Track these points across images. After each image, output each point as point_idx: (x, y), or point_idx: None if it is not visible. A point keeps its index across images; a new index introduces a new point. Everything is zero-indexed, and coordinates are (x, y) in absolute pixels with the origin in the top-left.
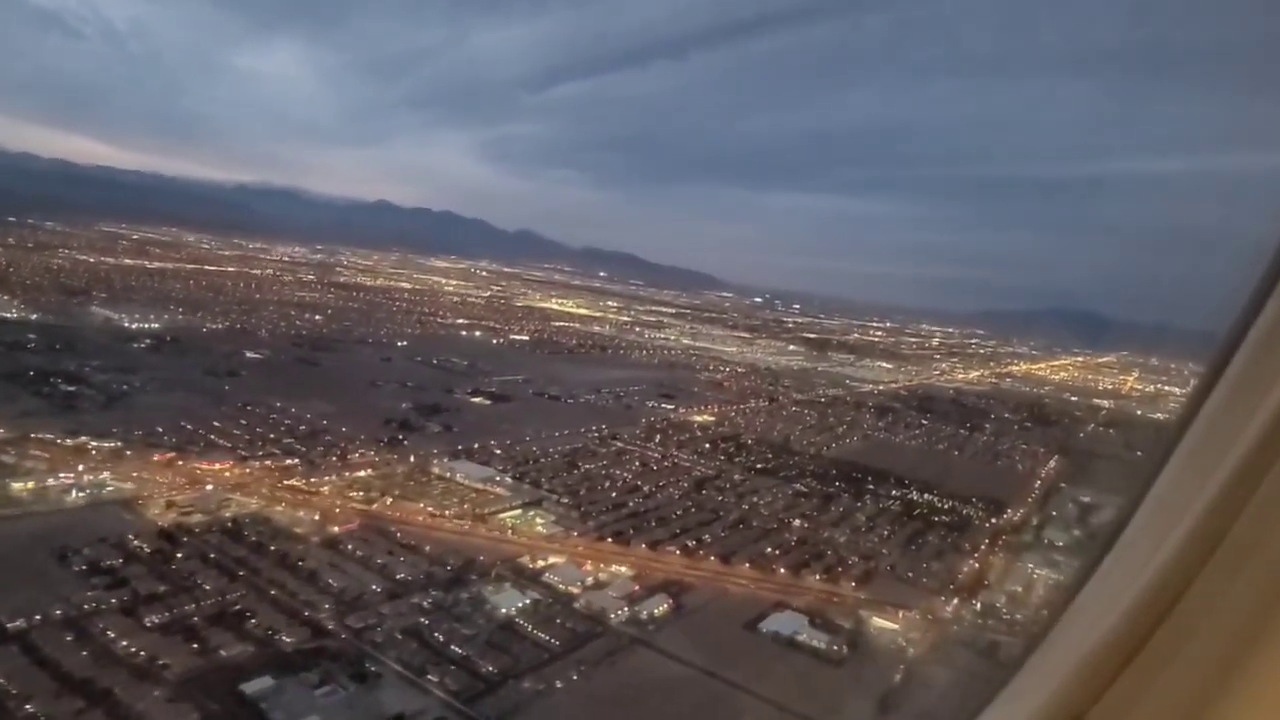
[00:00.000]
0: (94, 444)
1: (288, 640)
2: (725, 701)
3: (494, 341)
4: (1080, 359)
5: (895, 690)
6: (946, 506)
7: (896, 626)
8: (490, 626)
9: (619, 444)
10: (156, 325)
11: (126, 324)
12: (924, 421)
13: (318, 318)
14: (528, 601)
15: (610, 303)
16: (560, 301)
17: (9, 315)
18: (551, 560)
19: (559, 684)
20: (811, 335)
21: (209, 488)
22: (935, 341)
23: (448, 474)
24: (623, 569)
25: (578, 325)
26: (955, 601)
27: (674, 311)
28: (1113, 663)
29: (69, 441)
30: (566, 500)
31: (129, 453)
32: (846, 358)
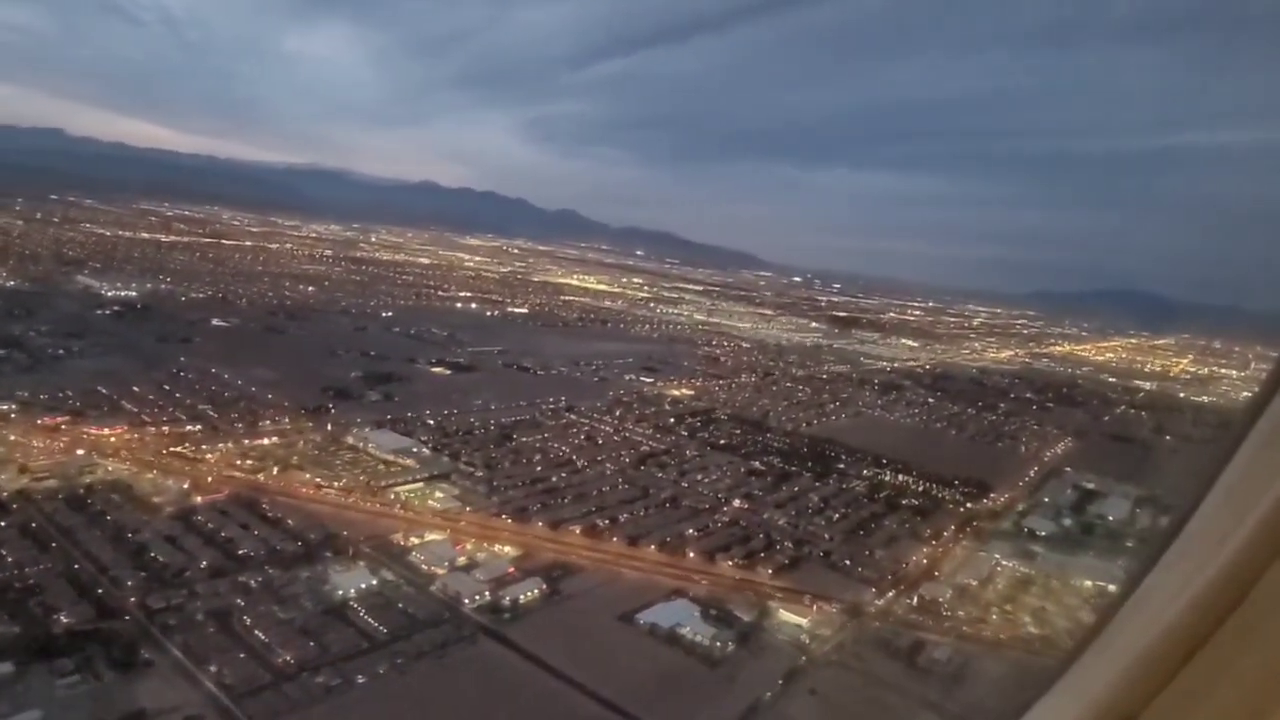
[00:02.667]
0: None
1: (64, 621)
2: (552, 707)
3: (488, 314)
4: (1134, 341)
5: (769, 700)
6: (920, 489)
7: (804, 621)
8: (315, 610)
9: (572, 416)
10: (134, 293)
11: (104, 292)
12: (930, 400)
13: (310, 289)
14: (374, 583)
15: (636, 279)
16: (581, 278)
17: None
18: (429, 538)
19: (360, 679)
20: (841, 314)
21: (79, 453)
22: (977, 321)
23: (360, 444)
24: (507, 549)
25: (588, 300)
26: (889, 595)
27: (700, 289)
28: (1173, 659)
29: None
30: (481, 474)
31: (15, 416)
32: (870, 336)
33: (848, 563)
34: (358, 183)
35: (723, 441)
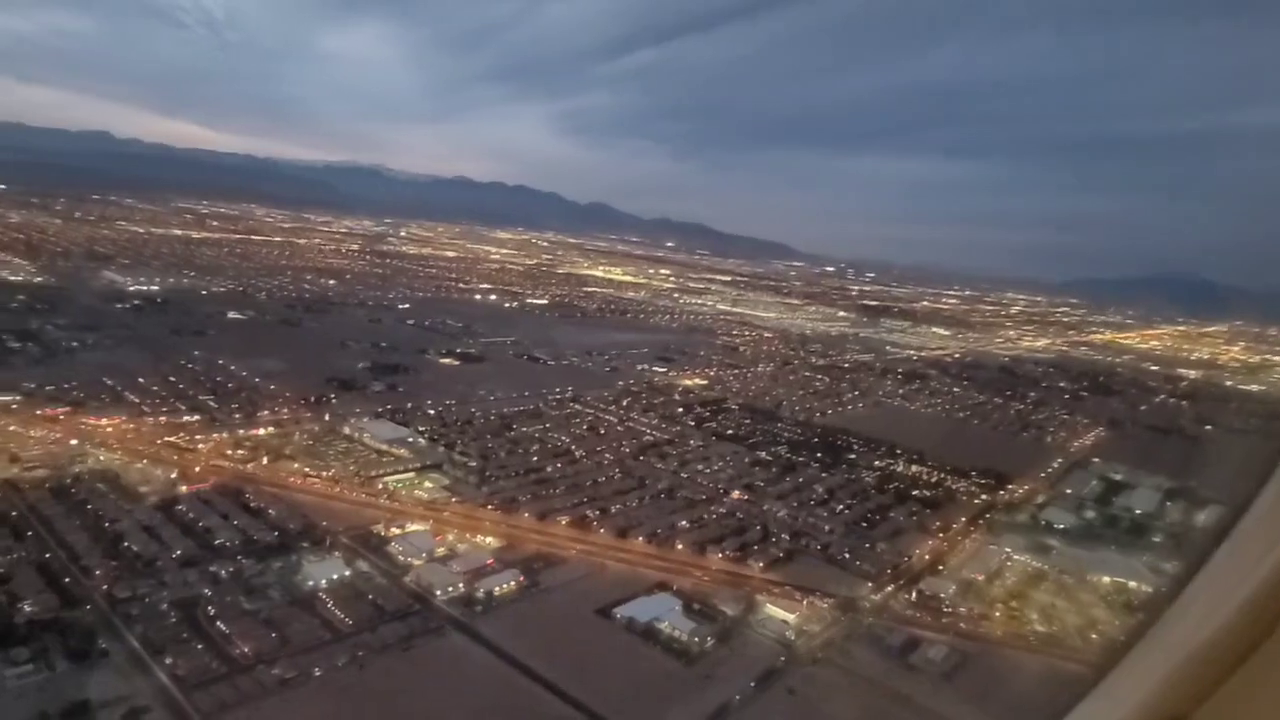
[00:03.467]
0: None
1: (27, 610)
2: (512, 703)
3: (507, 306)
4: (1181, 328)
5: (740, 701)
6: (933, 480)
7: (792, 617)
8: (282, 602)
9: (577, 406)
10: (156, 288)
11: (127, 286)
12: (955, 389)
13: (332, 282)
14: (347, 574)
15: (663, 270)
16: (606, 269)
17: (15, 278)
18: (410, 528)
19: (317, 672)
20: (872, 303)
21: (73, 443)
22: (1015, 310)
23: (356, 435)
24: (489, 540)
25: (610, 291)
26: (888, 590)
27: (728, 279)
28: (1223, 662)
29: None
30: (475, 464)
31: (16, 407)
32: (900, 324)
33: (847, 556)
34: (392, 179)
35: (730, 431)
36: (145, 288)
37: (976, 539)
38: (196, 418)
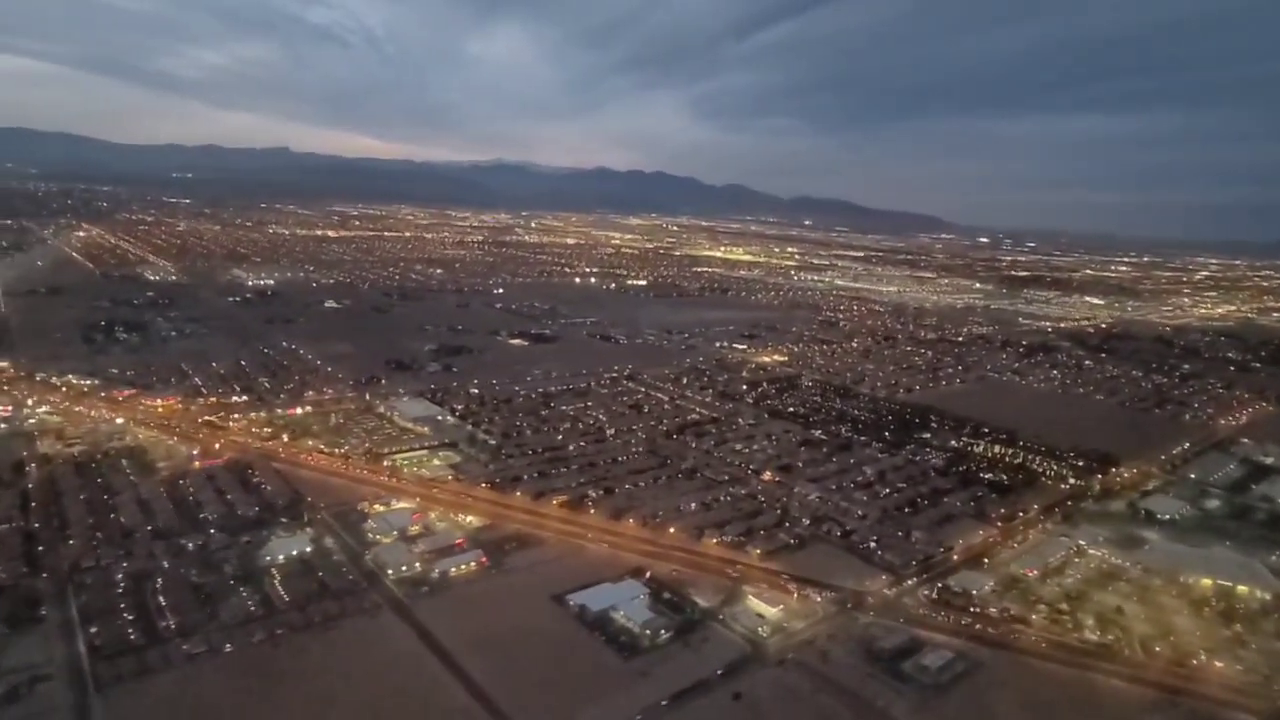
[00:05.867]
0: (75, 381)
1: None
2: (408, 692)
3: (603, 287)
4: None
5: (667, 705)
6: (1016, 461)
7: (773, 612)
8: (232, 575)
9: (630, 384)
10: (272, 282)
11: (247, 281)
12: (1087, 362)
13: (438, 271)
14: (309, 549)
15: (790, 249)
16: (728, 250)
17: (154, 277)
18: (396, 505)
19: (229, 648)
20: (1021, 273)
21: (119, 421)
22: (1200, 275)
23: (388, 413)
24: (470, 519)
25: (720, 271)
26: (908, 583)
27: (860, 255)
28: None
29: (55, 379)
30: (494, 442)
31: (87, 389)
32: (1045, 295)
33: (872, 544)
34: (536, 174)
35: (791, 409)
36: (263, 282)
37: (1047, 529)
38: (245, 398)
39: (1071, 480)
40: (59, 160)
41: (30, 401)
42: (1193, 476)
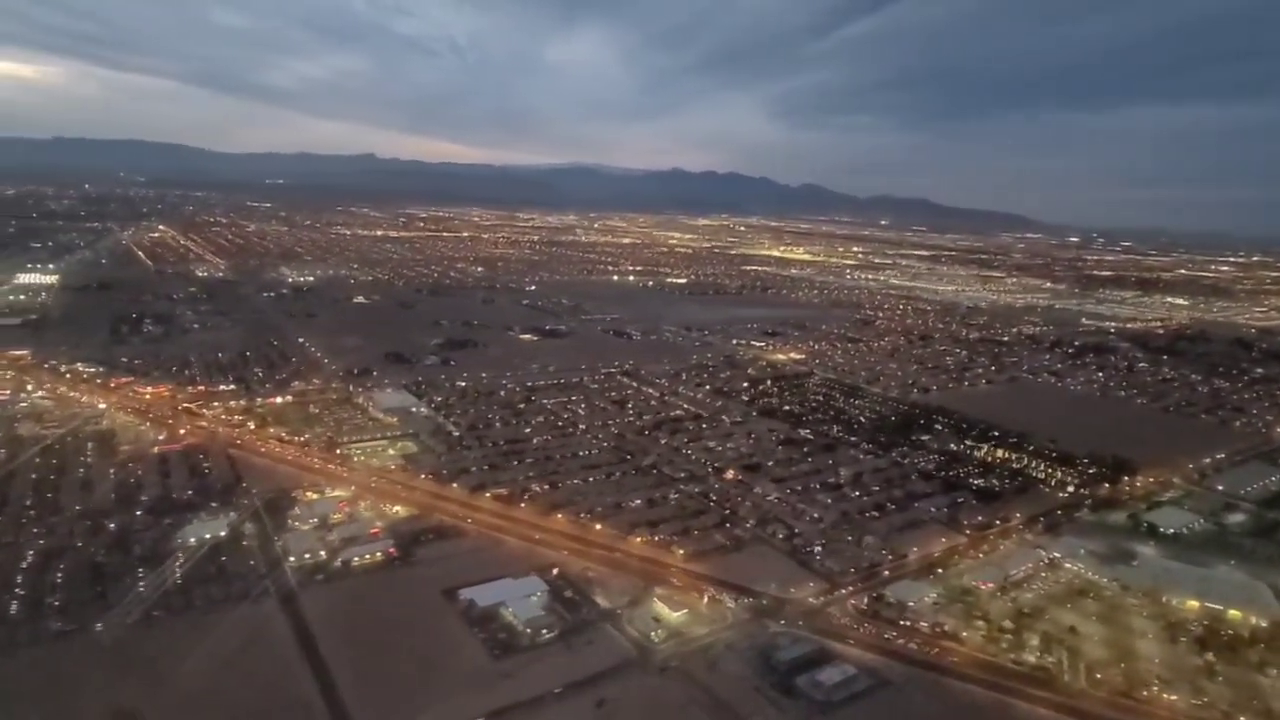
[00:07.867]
0: (80, 369)
1: None
2: (259, 678)
3: (640, 285)
4: None
5: (522, 708)
6: (1016, 466)
7: (675, 616)
8: (136, 556)
9: (624, 380)
10: (311, 278)
11: (286, 278)
12: (1143, 364)
13: (479, 269)
14: (223, 534)
15: (855, 248)
16: (788, 249)
17: (202, 274)
18: (329, 493)
19: (99, 627)
20: (1104, 273)
21: (100, 406)
22: None
23: (365, 403)
24: (398, 509)
25: (772, 269)
26: (841, 591)
27: (928, 254)
28: None
29: (63, 367)
30: (458, 434)
31: (87, 377)
32: (1122, 295)
33: (816, 549)
34: (609, 175)
35: (785, 408)
36: (303, 278)
37: (1024, 539)
38: (234, 387)
39: (1072, 488)
40: (166, 169)
41: (29, 387)
42: (1220, 488)
